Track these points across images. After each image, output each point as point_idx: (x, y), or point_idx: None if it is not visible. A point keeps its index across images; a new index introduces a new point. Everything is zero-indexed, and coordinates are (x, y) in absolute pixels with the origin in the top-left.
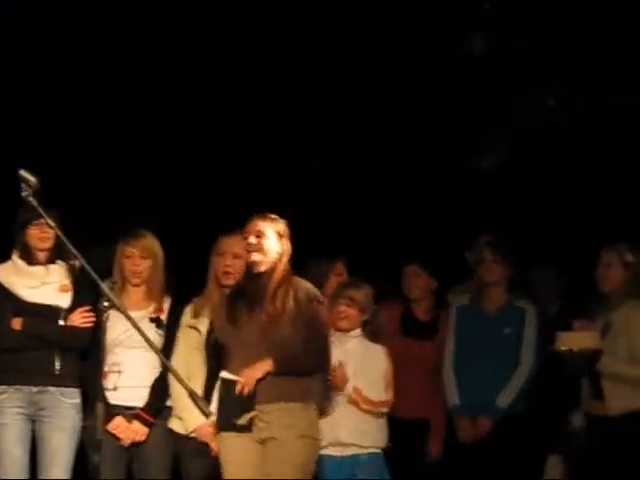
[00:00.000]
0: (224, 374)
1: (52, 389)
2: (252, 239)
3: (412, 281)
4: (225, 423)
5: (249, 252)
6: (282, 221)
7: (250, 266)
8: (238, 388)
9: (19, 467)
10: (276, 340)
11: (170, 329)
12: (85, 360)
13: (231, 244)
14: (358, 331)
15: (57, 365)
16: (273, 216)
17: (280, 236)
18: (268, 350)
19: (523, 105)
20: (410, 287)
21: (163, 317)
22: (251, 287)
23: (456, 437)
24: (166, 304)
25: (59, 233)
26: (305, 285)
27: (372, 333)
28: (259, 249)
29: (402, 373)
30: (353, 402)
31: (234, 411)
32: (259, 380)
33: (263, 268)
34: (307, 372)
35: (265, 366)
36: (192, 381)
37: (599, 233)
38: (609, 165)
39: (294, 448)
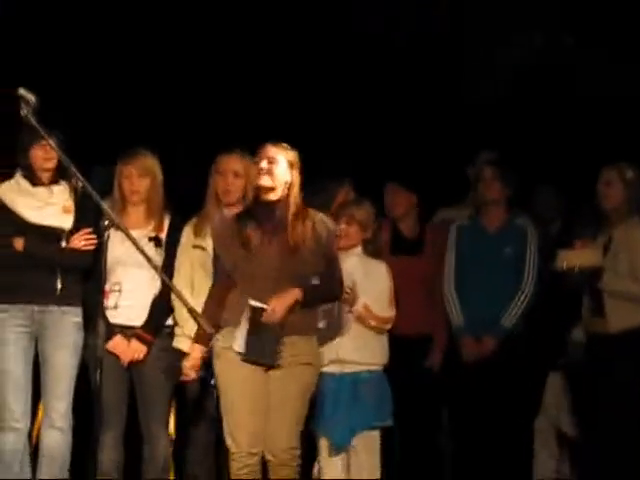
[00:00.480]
0: (252, 301)
1: (53, 308)
2: (263, 163)
3: (392, 199)
4: (253, 352)
5: (259, 175)
6: (294, 151)
7: (259, 191)
8: (268, 316)
9: (20, 385)
10: (297, 270)
11: (170, 248)
12: (87, 281)
13: (231, 162)
14: (359, 249)
15: (58, 285)
16: (285, 145)
17: (291, 165)
18: (289, 280)
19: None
20: (391, 205)
21: (162, 236)
22: (263, 214)
23: (458, 356)
24: (165, 223)
25: (60, 153)
26: (322, 217)
27: (374, 251)
28: (269, 173)
29: (397, 290)
30: (361, 319)
31: (263, 342)
32: (288, 309)
33: (273, 196)
34: (327, 301)
35: (295, 294)
36: (198, 299)
37: (599, 151)
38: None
39: (296, 376)
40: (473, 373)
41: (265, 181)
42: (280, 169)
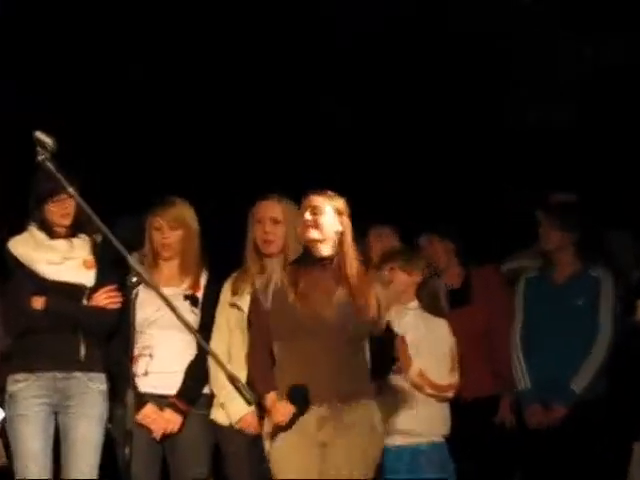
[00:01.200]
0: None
1: (78, 374)
2: (307, 215)
3: (429, 251)
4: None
5: (305, 228)
6: (340, 198)
7: (309, 246)
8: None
9: (40, 465)
10: (356, 334)
11: (207, 307)
12: (110, 343)
13: (269, 208)
14: (414, 303)
15: (82, 349)
16: (330, 192)
17: (339, 213)
18: (347, 345)
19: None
20: (432, 257)
21: (199, 294)
22: (316, 271)
23: (525, 422)
24: (202, 280)
25: (80, 201)
26: (381, 276)
27: (432, 304)
28: (315, 225)
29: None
30: (417, 386)
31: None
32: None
33: (325, 250)
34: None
35: None
36: (234, 365)
37: None
38: None
39: (360, 446)
40: (544, 440)
41: (312, 234)
42: (327, 219)
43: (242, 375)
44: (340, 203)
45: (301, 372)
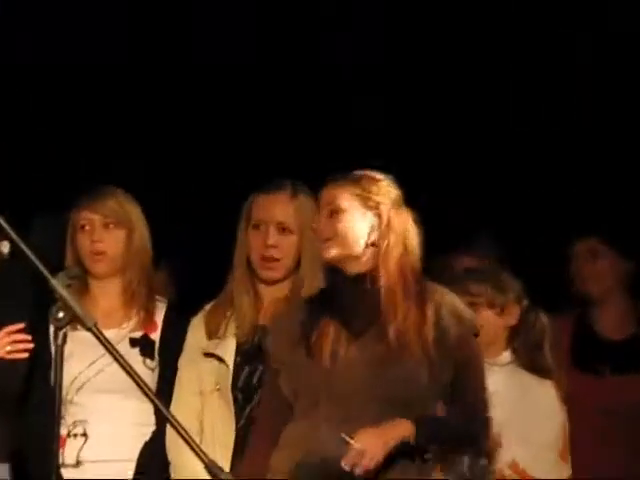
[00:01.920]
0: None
1: None
2: (323, 219)
3: (588, 267)
4: None
5: (320, 243)
6: (382, 179)
7: (332, 265)
8: (352, 459)
9: None
10: (405, 390)
11: (167, 357)
12: (18, 416)
13: (276, 207)
14: (507, 355)
15: None
16: (361, 173)
17: (374, 207)
18: (390, 405)
19: None
20: (585, 278)
21: (154, 336)
22: (343, 297)
23: None
24: (159, 314)
25: None
26: (453, 299)
27: (531, 353)
28: (333, 235)
29: (581, 428)
30: None
31: None
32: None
33: (357, 267)
34: (459, 447)
35: (402, 430)
36: (209, 444)
37: None
38: None
39: None
40: None
41: (330, 252)
42: (351, 222)
43: (224, 464)
44: (377, 190)
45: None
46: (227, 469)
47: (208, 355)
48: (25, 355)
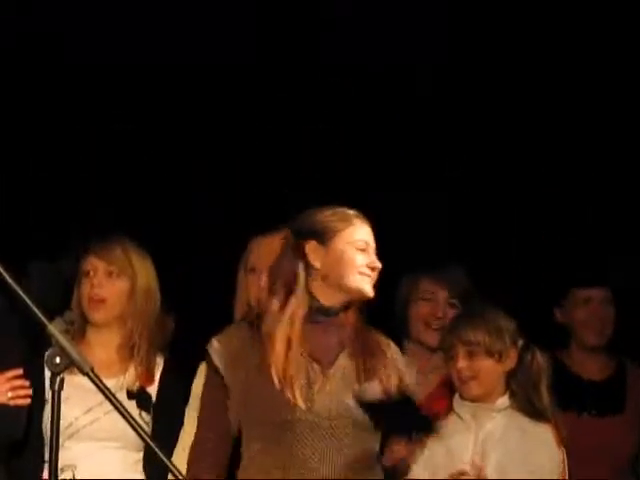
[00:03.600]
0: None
1: None
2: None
3: (601, 314)
4: None
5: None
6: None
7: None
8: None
9: None
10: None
11: (163, 412)
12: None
13: (270, 249)
14: (504, 400)
15: None
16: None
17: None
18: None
19: None
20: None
21: (152, 390)
22: (316, 334)
23: None
24: (157, 367)
25: None
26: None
27: (527, 397)
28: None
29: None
30: None
31: None
32: None
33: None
34: None
35: None
36: None
37: None
38: None
39: None
40: None
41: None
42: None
43: None
44: (303, 225)
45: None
46: None
47: None
48: (27, 401)
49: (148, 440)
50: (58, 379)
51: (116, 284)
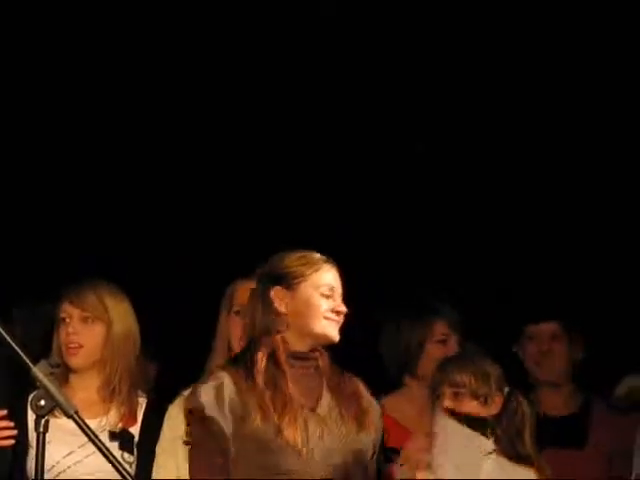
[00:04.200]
0: None
1: None
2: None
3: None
4: None
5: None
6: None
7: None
8: None
9: None
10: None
11: (145, 452)
12: None
13: None
14: (490, 443)
15: None
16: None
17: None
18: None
19: None
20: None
21: (134, 430)
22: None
23: None
24: (140, 407)
25: None
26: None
27: (511, 442)
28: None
29: None
30: None
31: None
32: None
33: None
34: None
35: None
36: None
37: None
38: None
39: None
40: None
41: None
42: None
43: None
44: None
45: None
46: None
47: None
48: (10, 442)
49: (128, 477)
50: (42, 421)
51: (92, 330)
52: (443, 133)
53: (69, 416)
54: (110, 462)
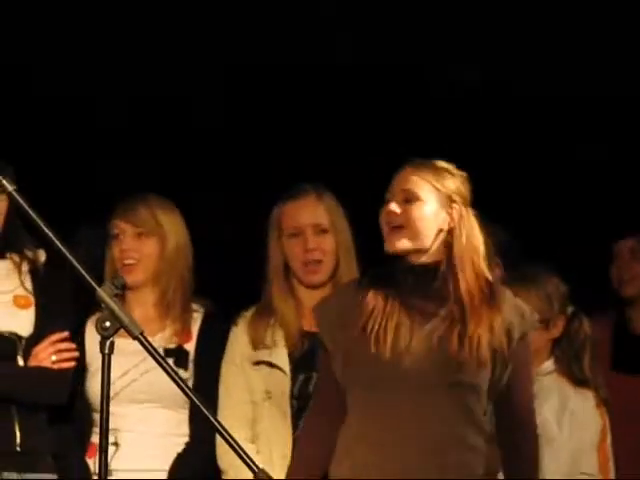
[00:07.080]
0: None
1: (12, 476)
2: (393, 205)
3: (627, 267)
4: None
5: (389, 229)
6: (461, 175)
7: (396, 255)
8: None
9: None
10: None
11: (203, 369)
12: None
13: (308, 211)
14: (549, 364)
15: (18, 436)
16: (442, 165)
17: (450, 200)
18: (451, 405)
19: None
20: (624, 278)
21: (189, 347)
22: (409, 287)
23: None
24: (194, 324)
25: (16, 198)
26: (510, 294)
27: (571, 362)
28: (405, 224)
29: (620, 434)
30: None
31: None
32: None
33: (423, 257)
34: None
35: None
36: (266, 455)
37: None
38: None
39: None
40: None
41: (401, 243)
42: (427, 214)
43: (282, 474)
44: (455, 184)
45: (374, 449)
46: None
47: (257, 363)
48: (72, 364)
49: (194, 398)
50: (108, 343)
51: (146, 245)
52: None
53: (134, 337)
54: (174, 381)
